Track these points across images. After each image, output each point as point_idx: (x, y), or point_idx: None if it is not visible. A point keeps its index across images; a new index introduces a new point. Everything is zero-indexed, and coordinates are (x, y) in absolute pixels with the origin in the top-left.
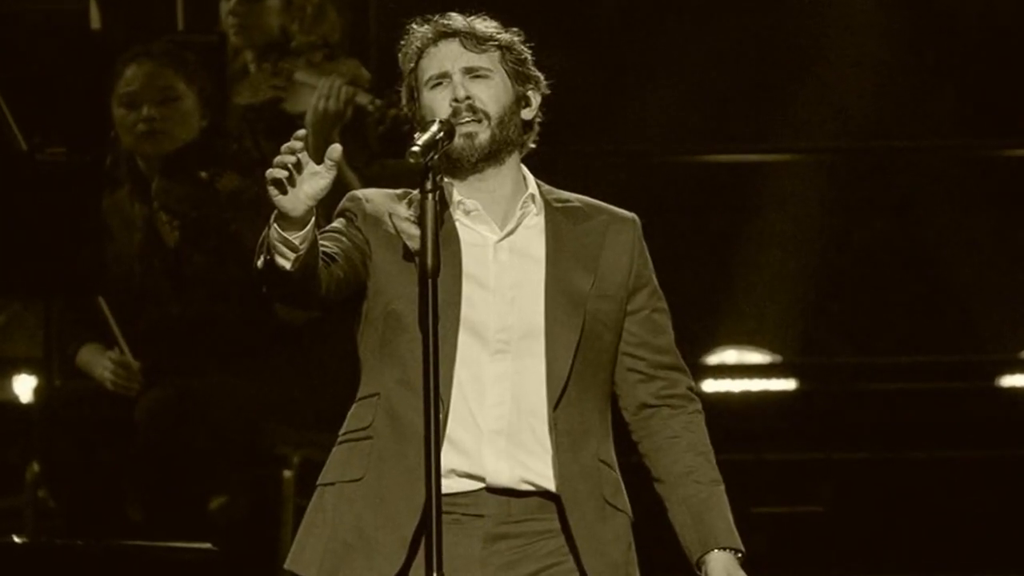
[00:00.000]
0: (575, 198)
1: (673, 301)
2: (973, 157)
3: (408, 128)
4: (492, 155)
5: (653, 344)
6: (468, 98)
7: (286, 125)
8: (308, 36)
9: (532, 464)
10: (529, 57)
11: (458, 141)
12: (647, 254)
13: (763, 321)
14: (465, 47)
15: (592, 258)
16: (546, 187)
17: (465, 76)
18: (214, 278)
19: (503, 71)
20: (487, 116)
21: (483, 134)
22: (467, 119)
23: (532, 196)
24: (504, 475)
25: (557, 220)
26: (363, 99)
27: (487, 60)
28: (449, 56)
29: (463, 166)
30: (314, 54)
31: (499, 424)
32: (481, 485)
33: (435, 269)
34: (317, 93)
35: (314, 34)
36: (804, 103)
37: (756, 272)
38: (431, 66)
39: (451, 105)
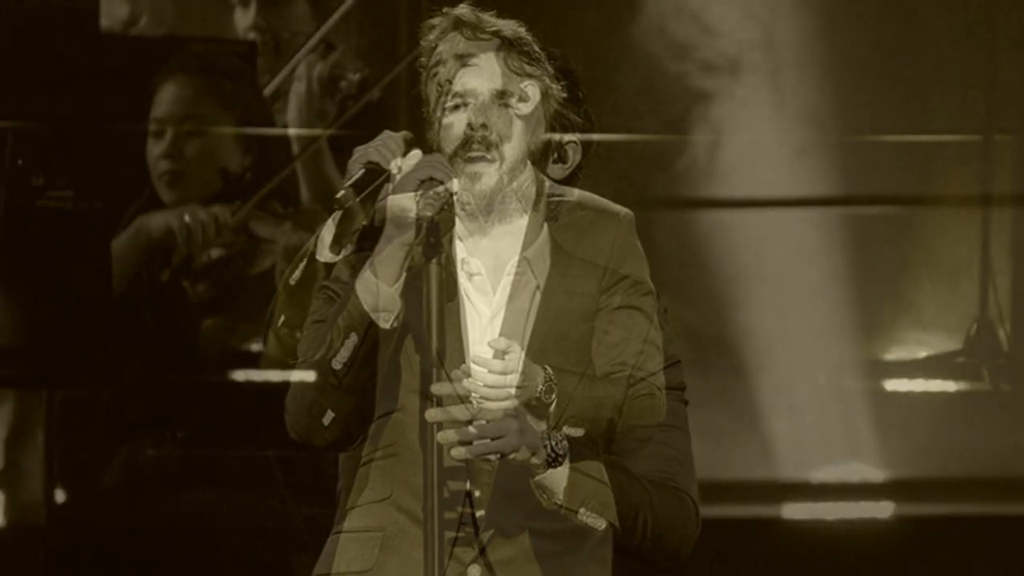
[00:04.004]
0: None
1: None
2: None
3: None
4: (496, 208)
5: (605, 342)
6: (484, 126)
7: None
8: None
9: None
10: (584, 98)
11: (460, 182)
12: (636, 255)
13: None
14: (508, 65)
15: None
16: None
17: (494, 100)
18: None
19: (541, 107)
20: (500, 156)
21: (489, 178)
22: (476, 153)
23: (528, 261)
24: None
25: (553, 291)
26: (351, 76)
27: (526, 88)
28: (481, 72)
29: (462, 214)
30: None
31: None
32: None
33: (440, 356)
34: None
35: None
36: None
37: None
38: (458, 82)
39: (464, 132)
